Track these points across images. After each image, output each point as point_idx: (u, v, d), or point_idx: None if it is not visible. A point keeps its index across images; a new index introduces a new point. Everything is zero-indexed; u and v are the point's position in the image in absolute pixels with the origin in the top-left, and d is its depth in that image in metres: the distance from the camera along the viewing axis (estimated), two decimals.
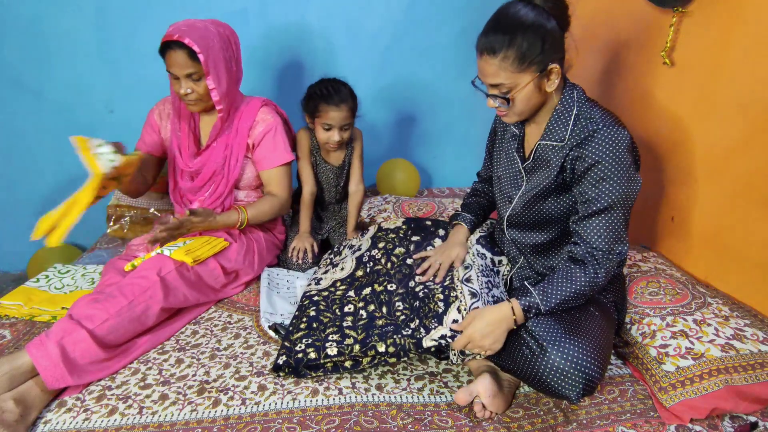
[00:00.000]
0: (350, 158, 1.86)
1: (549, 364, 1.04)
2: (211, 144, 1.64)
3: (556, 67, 1.11)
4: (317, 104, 1.69)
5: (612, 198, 1.10)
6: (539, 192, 1.23)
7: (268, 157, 1.67)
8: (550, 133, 1.20)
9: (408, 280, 1.41)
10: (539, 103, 1.18)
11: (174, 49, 1.46)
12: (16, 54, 2.11)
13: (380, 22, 2.28)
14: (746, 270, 1.39)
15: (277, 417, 1.11)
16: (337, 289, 1.47)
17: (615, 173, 1.09)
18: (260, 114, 1.66)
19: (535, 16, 1.08)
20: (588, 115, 1.14)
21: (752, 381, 1.08)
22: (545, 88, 1.14)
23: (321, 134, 1.73)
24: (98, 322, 1.22)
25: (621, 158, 1.09)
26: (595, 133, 1.11)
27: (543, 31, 1.08)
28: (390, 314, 1.32)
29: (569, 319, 1.12)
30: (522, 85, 1.11)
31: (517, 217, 1.31)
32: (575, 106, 1.17)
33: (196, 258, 1.44)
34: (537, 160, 1.23)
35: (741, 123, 1.37)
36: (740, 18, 1.36)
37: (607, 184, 1.10)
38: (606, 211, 1.12)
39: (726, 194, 1.44)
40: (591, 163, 1.11)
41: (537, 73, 1.10)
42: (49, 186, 2.36)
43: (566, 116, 1.17)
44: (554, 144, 1.19)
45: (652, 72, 1.69)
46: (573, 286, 1.12)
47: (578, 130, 1.14)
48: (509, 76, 1.10)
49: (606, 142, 1.10)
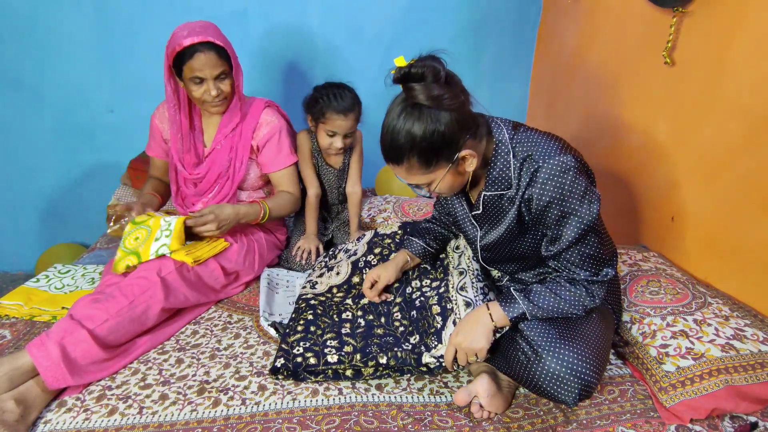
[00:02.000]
0: (349, 159, 1.86)
1: (544, 370, 1.04)
2: (215, 147, 1.64)
3: (467, 153, 1.03)
4: (324, 111, 1.66)
5: (578, 230, 1.05)
6: (501, 239, 1.18)
7: (275, 160, 1.68)
8: (492, 183, 1.12)
9: (405, 286, 1.41)
10: (464, 181, 1.12)
11: (203, 50, 1.44)
12: (16, 54, 2.11)
13: (380, 23, 2.28)
14: (746, 270, 1.39)
15: (277, 417, 1.11)
16: (334, 296, 1.47)
17: (573, 206, 1.03)
18: (264, 116, 1.66)
19: (424, 129, 0.99)
20: (525, 153, 1.07)
21: (752, 381, 1.08)
22: (466, 169, 1.07)
23: (323, 140, 1.72)
24: (99, 322, 1.22)
25: (573, 188, 1.03)
26: (537, 173, 1.04)
27: (436, 136, 0.99)
28: (389, 324, 1.33)
29: (565, 323, 1.11)
30: (438, 179, 1.06)
31: (489, 259, 1.29)
32: (510, 149, 1.09)
33: (196, 258, 1.44)
34: (487, 208, 1.17)
35: (741, 123, 1.37)
36: (740, 18, 1.36)
37: (570, 219, 1.05)
38: (576, 243, 1.07)
39: (726, 194, 1.44)
40: (545, 204, 1.05)
41: (448, 166, 1.04)
42: (49, 186, 2.36)
43: (504, 163, 1.09)
44: (501, 192, 1.12)
45: (652, 72, 1.69)
46: (561, 303, 1.10)
47: (521, 171, 1.08)
48: (422, 178, 1.06)
49: (552, 179, 1.03)
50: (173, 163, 1.68)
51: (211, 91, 1.49)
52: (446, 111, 0.99)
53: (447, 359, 1.15)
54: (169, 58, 1.47)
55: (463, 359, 1.14)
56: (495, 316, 1.12)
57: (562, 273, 1.12)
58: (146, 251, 1.39)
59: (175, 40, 1.45)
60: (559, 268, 1.12)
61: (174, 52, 1.45)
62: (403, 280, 1.42)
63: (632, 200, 1.81)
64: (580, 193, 1.03)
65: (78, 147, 2.30)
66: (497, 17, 2.35)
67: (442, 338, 1.21)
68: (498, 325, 1.12)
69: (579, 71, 2.15)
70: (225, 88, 1.53)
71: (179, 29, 1.47)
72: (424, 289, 1.36)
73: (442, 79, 0.99)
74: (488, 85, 2.49)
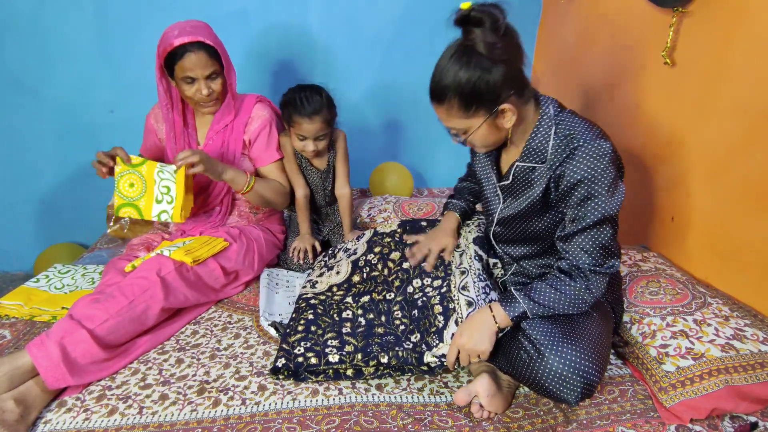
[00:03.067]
0: (333, 161, 1.82)
1: (547, 368, 1.04)
2: (207, 143, 1.64)
3: (507, 107, 1.06)
4: (291, 115, 1.64)
5: (598, 215, 1.07)
6: (521, 213, 1.20)
7: (265, 154, 1.69)
8: (528, 154, 1.15)
9: (406, 285, 1.41)
10: (500, 138, 1.15)
11: (194, 50, 1.44)
12: (16, 54, 2.11)
13: (380, 23, 2.28)
14: (746, 270, 1.39)
15: (277, 417, 1.11)
16: (335, 294, 1.47)
17: (600, 190, 1.06)
18: (255, 110, 1.67)
19: (469, 75, 1.02)
20: (567, 131, 1.10)
21: (752, 381, 1.08)
22: (504, 125, 1.10)
23: (296, 143, 1.70)
24: (98, 322, 1.22)
25: (605, 174, 1.05)
26: (576, 150, 1.07)
27: (480, 84, 1.02)
28: (389, 323, 1.33)
29: (567, 321, 1.11)
30: (474, 128, 1.09)
31: (501, 235, 1.30)
32: (553, 124, 1.12)
33: (195, 258, 1.44)
34: (516, 180, 1.20)
35: (741, 123, 1.37)
36: (740, 18, 1.36)
37: (593, 202, 1.07)
38: (593, 227, 1.09)
39: (726, 194, 1.44)
40: (574, 182, 1.07)
41: (486, 116, 1.07)
42: (49, 186, 2.36)
43: (545, 136, 1.13)
44: (534, 165, 1.15)
45: (652, 72, 1.69)
46: (561, 298, 1.11)
47: (560, 148, 1.10)
48: (459, 122, 1.09)
49: (588, 159, 1.06)
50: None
51: (202, 91, 1.49)
52: (497, 61, 1.01)
53: (449, 360, 1.16)
54: (160, 57, 1.47)
55: (466, 360, 1.14)
56: (498, 318, 1.13)
57: (567, 258, 1.12)
58: (147, 210, 1.41)
59: (166, 39, 1.44)
60: (567, 252, 1.13)
61: (165, 51, 1.45)
62: (405, 279, 1.42)
63: (632, 200, 1.81)
64: (609, 180, 1.06)
65: (78, 147, 2.29)
66: None
67: (444, 338, 1.21)
68: (501, 326, 1.13)
69: (579, 71, 2.15)
70: (216, 88, 1.53)
71: (170, 29, 1.46)
72: (425, 289, 1.36)
73: (500, 29, 1.01)
74: None
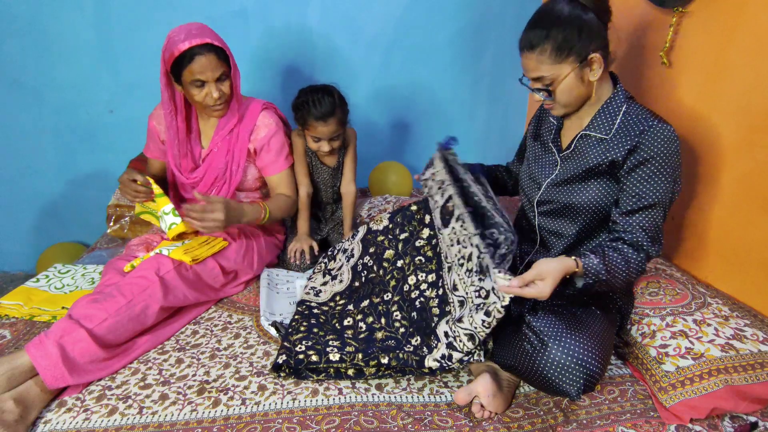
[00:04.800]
0: (343, 158, 1.85)
1: (550, 358, 1.04)
2: (212, 150, 1.63)
3: (596, 56, 1.13)
4: (305, 118, 1.66)
5: (659, 196, 1.13)
6: (571, 177, 1.25)
7: (274, 163, 1.68)
8: (595, 124, 1.21)
9: (402, 284, 1.40)
10: (584, 94, 1.19)
11: (203, 53, 1.42)
12: (16, 54, 2.11)
13: (380, 23, 2.28)
14: (747, 270, 1.39)
15: (277, 417, 1.11)
16: (337, 304, 1.47)
17: (666, 171, 1.12)
18: (261, 118, 1.65)
19: (570, 10, 1.12)
20: (638, 113, 1.16)
21: (752, 381, 1.08)
22: (588, 78, 1.16)
23: (311, 144, 1.72)
24: (97, 322, 1.22)
25: (673, 157, 1.12)
26: (650, 129, 1.12)
27: (579, 22, 1.11)
28: (389, 325, 1.33)
29: (570, 315, 1.12)
30: (562, 75, 1.14)
31: (546, 203, 1.32)
32: (625, 104, 1.19)
33: (194, 257, 1.44)
34: (576, 150, 1.26)
35: (741, 123, 1.37)
36: (740, 18, 1.36)
37: (657, 181, 1.12)
38: (651, 207, 1.14)
39: (726, 194, 1.44)
40: (645, 158, 1.12)
41: (577, 63, 1.13)
42: (49, 186, 2.36)
43: (614, 111, 1.19)
44: (597, 136, 1.21)
45: (652, 72, 1.69)
46: (626, 267, 1.12)
47: (627, 126, 1.16)
48: (549, 69, 1.14)
49: (661, 139, 1.12)
50: (170, 168, 1.67)
51: (213, 94, 1.48)
52: (594, 14, 1.12)
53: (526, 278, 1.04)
54: (167, 63, 1.45)
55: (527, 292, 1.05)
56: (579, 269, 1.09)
57: (627, 232, 1.15)
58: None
59: (173, 44, 1.42)
60: (628, 225, 1.16)
61: (172, 56, 1.42)
62: (400, 278, 1.42)
63: None
64: (675, 167, 1.13)
65: (78, 147, 2.29)
66: (497, 17, 2.35)
67: (437, 333, 1.21)
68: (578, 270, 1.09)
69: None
70: (226, 90, 1.52)
71: (174, 33, 1.44)
72: (421, 286, 1.36)
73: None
74: (488, 85, 2.49)
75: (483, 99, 2.52)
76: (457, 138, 1.43)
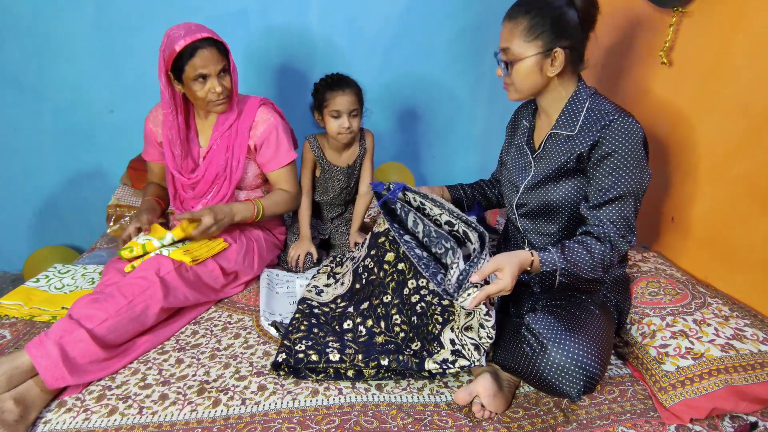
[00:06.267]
0: (362, 159, 1.85)
1: (549, 361, 1.04)
2: (212, 147, 1.63)
3: (560, 52, 1.16)
4: (324, 94, 1.67)
5: (626, 187, 1.15)
6: (544, 177, 1.27)
7: (274, 159, 1.67)
8: (561, 123, 1.25)
9: (402, 287, 1.41)
10: (539, 85, 1.22)
11: (205, 47, 1.44)
12: (16, 54, 2.11)
13: (380, 23, 2.28)
14: (746, 270, 1.39)
15: (277, 417, 1.11)
16: (338, 306, 1.47)
17: (630, 163, 1.14)
18: (259, 114, 1.65)
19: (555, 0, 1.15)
20: (601, 108, 1.19)
21: (752, 381, 1.08)
22: (546, 72, 1.19)
23: (332, 125, 1.70)
24: (97, 322, 1.22)
25: (636, 148, 1.14)
26: (612, 123, 1.15)
27: (557, 13, 1.14)
28: (389, 329, 1.32)
29: (569, 316, 1.12)
30: (524, 55, 1.18)
31: (525, 205, 1.33)
32: (588, 100, 1.22)
33: (195, 258, 1.44)
34: (546, 149, 1.28)
35: (741, 123, 1.37)
36: (740, 18, 1.36)
37: (622, 173, 1.14)
38: (619, 199, 1.16)
39: (726, 194, 1.44)
40: (609, 152, 1.15)
41: (541, 50, 1.16)
42: (49, 186, 2.36)
43: (578, 108, 1.22)
44: (564, 133, 1.24)
45: (652, 72, 1.69)
46: (590, 259, 1.14)
47: (591, 121, 1.19)
48: (516, 44, 1.18)
49: (622, 132, 1.14)
50: (169, 170, 1.67)
51: (216, 88, 1.49)
52: (575, 11, 1.15)
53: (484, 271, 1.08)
54: (168, 61, 1.45)
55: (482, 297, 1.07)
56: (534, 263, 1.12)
57: (594, 225, 1.17)
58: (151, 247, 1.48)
59: (173, 41, 1.43)
60: (595, 218, 1.18)
61: (173, 53, 1.43)
62: (400, 281, 1.41)
63: None
64: (639, 157, 1.15)
65: (78, 147, 2.29)
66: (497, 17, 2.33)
67: (443, 344, 1.21)
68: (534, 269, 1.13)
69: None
70: (227, 85, 1.53)
71: (173, 31, 1.45)
72: (421, 290, 1.36)
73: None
74: (488, 85, 2.49)
75: (483, 99, 2.52)
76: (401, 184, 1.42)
